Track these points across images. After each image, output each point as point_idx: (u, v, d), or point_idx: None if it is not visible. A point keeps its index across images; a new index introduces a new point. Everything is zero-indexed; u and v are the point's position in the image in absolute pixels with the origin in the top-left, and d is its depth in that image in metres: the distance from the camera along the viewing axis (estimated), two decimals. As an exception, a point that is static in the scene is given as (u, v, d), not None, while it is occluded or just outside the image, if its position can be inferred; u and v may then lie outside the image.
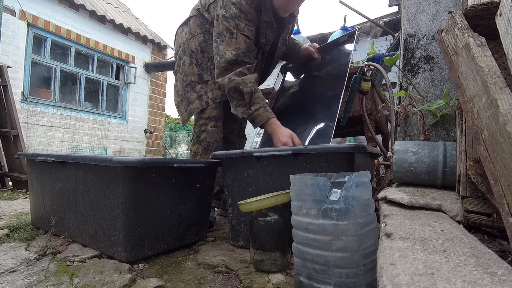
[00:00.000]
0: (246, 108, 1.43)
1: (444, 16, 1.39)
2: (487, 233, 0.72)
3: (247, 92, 1.40)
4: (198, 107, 1.61)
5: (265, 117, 1.42)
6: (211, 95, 1.60)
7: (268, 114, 1.42)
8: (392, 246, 0.55)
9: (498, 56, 0.77)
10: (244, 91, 1.40)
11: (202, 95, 1.61)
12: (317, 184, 0.74)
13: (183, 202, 1.18)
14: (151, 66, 6.55)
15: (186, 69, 1.67)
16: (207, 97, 1.61)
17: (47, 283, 0.86)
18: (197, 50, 1.64)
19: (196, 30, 1.65)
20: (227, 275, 0.96)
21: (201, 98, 1.61)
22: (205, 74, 1.63)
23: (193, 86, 1.64)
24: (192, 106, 1.63)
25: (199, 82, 1.63)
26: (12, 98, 2.79)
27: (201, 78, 1.63)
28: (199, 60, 1.64)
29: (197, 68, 1.64)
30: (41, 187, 1.31)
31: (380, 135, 2.29)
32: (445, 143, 1.08)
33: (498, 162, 0.54)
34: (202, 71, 1.64)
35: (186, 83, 1.66)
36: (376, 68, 1.60)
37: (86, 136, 5.46)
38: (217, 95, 1.60)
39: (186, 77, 1.66)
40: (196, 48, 1.64)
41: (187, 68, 1.66)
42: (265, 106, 1.44)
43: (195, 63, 1.64)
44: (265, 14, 1.53)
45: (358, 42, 5.71)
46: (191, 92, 1.64)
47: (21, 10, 4.53)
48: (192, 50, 1.65)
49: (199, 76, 1.64)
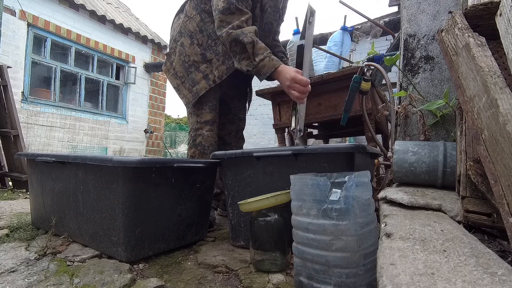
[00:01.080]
0: (250, 60, 1.39)
1: (444, 16, 1.39)
2: (487, 233, 0.72)
3: (248, 42, 1.36)
4: (206, 86, 1.58)
5: (271, 66, 1.35)
6: (217, 73, 1.58)
7: (274, 62, 1.36)
8: (392, 246, 0.55)
9: (498, 56, 0.77)
10: (245, 42, 1.36)
11: (208, 74, 1.59)
12: (317, 184, 0.74)
13: (183, 202, 1.18)
14: (151, 66, 6.55)
15: (186, 50, 1.63)
16: (213, 76, 1.58)
17: (47, 283, 0.86)
18: (195, 30, 1.62)
19: (192, 12, 1.63)
20: (227, 275, 0.96)
21: (207, 77, 1.59)
22: (208, 52, 1.60)
23: (197, 66, 1.61)
24: (198, 86, 1.60)
25: (202, 61, 1.61)
26: (12, 98, 2.79)
27: (204, 57, 1.61)
28: (199, 40, 1.62)
29: (199, 48, 1.61)
30: (41, 187, 1.31)
31: (380, 135, 2.29)
32: (445, 143, 1.08)
33: (498, 162, 0.54)
34: (204, 50, 1.61)
35: (189, 64, 1.63)
36: (376, 68, 1.60)
37: (86, 136, 5.47)
38: (222, 71, 1.57)
39: (187, 57, 1.63)
40: (195, 28, 1.62)
41: (187, 49, 1.63)
42: (269, 55, 1.38)
43: (196, 43, 1.62)
44: None
45: (358, 42, 5.71)
46: (196, 73, 1.61)
47: (21, 10, 4.54)
48: (191, 31, 1.63)
49: (202, 56, 1.61)
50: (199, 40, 1.62)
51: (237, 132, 1.92)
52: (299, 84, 1.33)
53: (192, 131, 1.64)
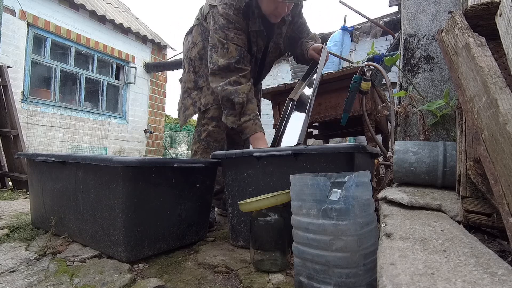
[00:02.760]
0: (236, 119, 1.46)
1: (444, 16, 1.39)
2: (487, 233, 0.72)
3: (238, 102, 1.43)
4: (192, 113, 1.67)
5: (251, 131, 1.44)
6: (203, 101, 1.64)
7: (256, 127, 1.44)
8: (392, 246, 0.55)
9: (498, 56, 0.77)
10: (236, 102, 1.43)
11: (196, 101, 1.67)
12: (317, 184, 0.74)
13: (183, 202, 1.18)
14: (151, 66, 6.55)
15: (185, 76, 1.73)
16: (200, 103, 1.65)
17: (47, 283, 0.86)
18: (195, 57, 1.69)
19: (197, 38, 1.70)
20: (227, 275, 0.96)
21: (195, 104, 1.67)
22: (200, 80, 1.67)
23: (189, 93, 1.70)
24: (187, 112, 1.69)
25: (194, 88, 1.69)
26: (12, 98, 2.79)
27: (196, 85, 1.69)
28: (196, 67, 1.69)
29: (194, 75, 1.69)
30: (41, 187, 1.31)
31: (380, 135, 2.29)
32: (445, 143, 1.08)
33: (498, 162, 0.54)
34: (197, 78, 1.68)
35: (184, 90, 1.73)
36: (376, 68, 1.60)
37: (86, 136, 5.47)
38: (208, 101, 1.63)
39: (184, 84, 1.73)
40: (195, 55, 1.69)
41: (185, 75, 1.73)
42: (255, 118, 1.45)
43: (192, 70, 1.70)
44: (252, 24, 1.54)
45: (358, 42, 5.71)
46: (188, 99, 1.70)
47: (21, 10, 4.54)
48: (191, 58, 1.71)
49: (194, 83, 1.69)
50: (196, 68, 1.69)
51: None
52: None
53: (198, 127, 1.68)
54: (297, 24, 1.75)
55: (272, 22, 1.57)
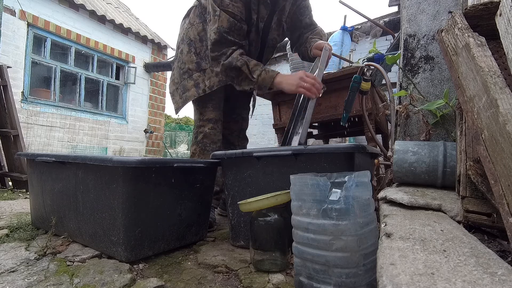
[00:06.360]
0: (249, 79, 1.42)
1: (444, 16, 1.39)
2: (487, 233, 0.72)
3: (241, 65, 1.40)
4: (195, 94, 1.60)
5: (270, 78, 1.40)
6: (208, 83, 1.59)
7: (271, 73, 1.41)
8: (392, 246, 0.55)
9: (498, 56, 0.77)
10: (239, 65, 1.40)
11: (199, 83, 1.61)
12: (317, 184, 0.74)
13: (183, 202, 1.18)
14: (151, 66, 6.55)
15: (184, 57, 1.65)
16: (204, 85, 1.60)
17: (47, 283, 0.86)
18: (195, 39, 1.63)
19: (195, 20, 1.64)
20: (227, 275, 0.96)
21: (198, 86, 1.61)
22: (203, 62, 1.62)
23: (190, 74, 1.63)
24: (188, 93, 1.62)
25: (196, 70, 1.63)
26: (12, 98, 2.79)
27: (199, 66, 1.62)
28: (197, 49, 1.63)
29: (196, 57, 1.63)
30: (41, 187, 1.31)
31: (380, 135, 2.29)
32: (445, 143, 1.08)
33: (498, 162, 0.54)
34: (200, 60, 1.63)
35: (183, 71, 1.65)
36: (376, 68, 1.60)
37: (86, 136, 5.46)
38: (214, 83, 1.58)
39: (183, 65, 1.65)
40: (195, 36, 1.63)
41: (185, 56, 1.65)
42: (265, 69, 1.42)
43: (194, 51, 1.63)
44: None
45: (358, 42, 5.71)
46: (188, 80, 1.63)
47: (21, 10, 4.53)
48: (190, 38, 1.64)
49: (197, 64, 1.63)
50: (197, 49, 1.63)
51: (240, 132, 1.92)
52: (308, 77, 1.35)
53: (195, 129, 1.66)
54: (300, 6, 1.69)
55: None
